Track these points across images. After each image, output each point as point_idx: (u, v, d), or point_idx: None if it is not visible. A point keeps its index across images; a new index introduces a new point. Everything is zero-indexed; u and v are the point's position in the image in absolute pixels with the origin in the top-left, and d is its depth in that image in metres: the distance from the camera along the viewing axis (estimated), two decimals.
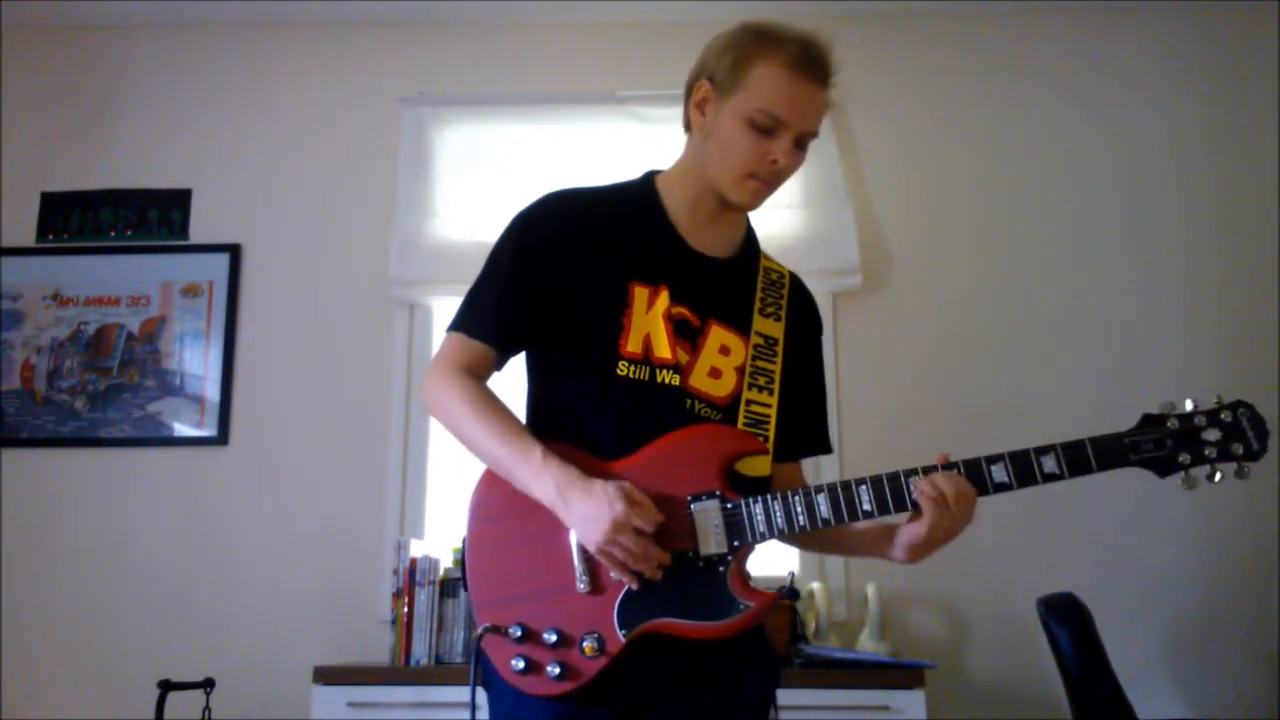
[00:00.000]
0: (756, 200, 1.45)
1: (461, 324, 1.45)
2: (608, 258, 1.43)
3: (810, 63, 1.39)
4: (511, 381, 1.49)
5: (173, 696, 2.57)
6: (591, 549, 1.30)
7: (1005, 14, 3.39)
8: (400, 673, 2.67)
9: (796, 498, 1.33)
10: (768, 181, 1.43)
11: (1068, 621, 2.49)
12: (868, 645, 2.78)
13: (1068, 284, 3.21)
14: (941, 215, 3.27)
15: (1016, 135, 3.33)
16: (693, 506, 1.33)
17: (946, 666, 2.85)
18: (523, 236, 1.46)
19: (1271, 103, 3.28)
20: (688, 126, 1.49)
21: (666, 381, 1.39)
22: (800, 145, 1.42)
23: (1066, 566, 2.93)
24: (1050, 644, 2.54)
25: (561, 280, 1.42)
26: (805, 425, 1.56)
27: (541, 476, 1.32)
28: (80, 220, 3.33)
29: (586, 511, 1.28)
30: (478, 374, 1.43)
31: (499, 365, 1.47)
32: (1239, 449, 1.28)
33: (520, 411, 1.46)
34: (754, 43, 1.40)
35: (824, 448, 1.60)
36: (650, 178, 1.53)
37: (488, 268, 1.47)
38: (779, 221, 3.12)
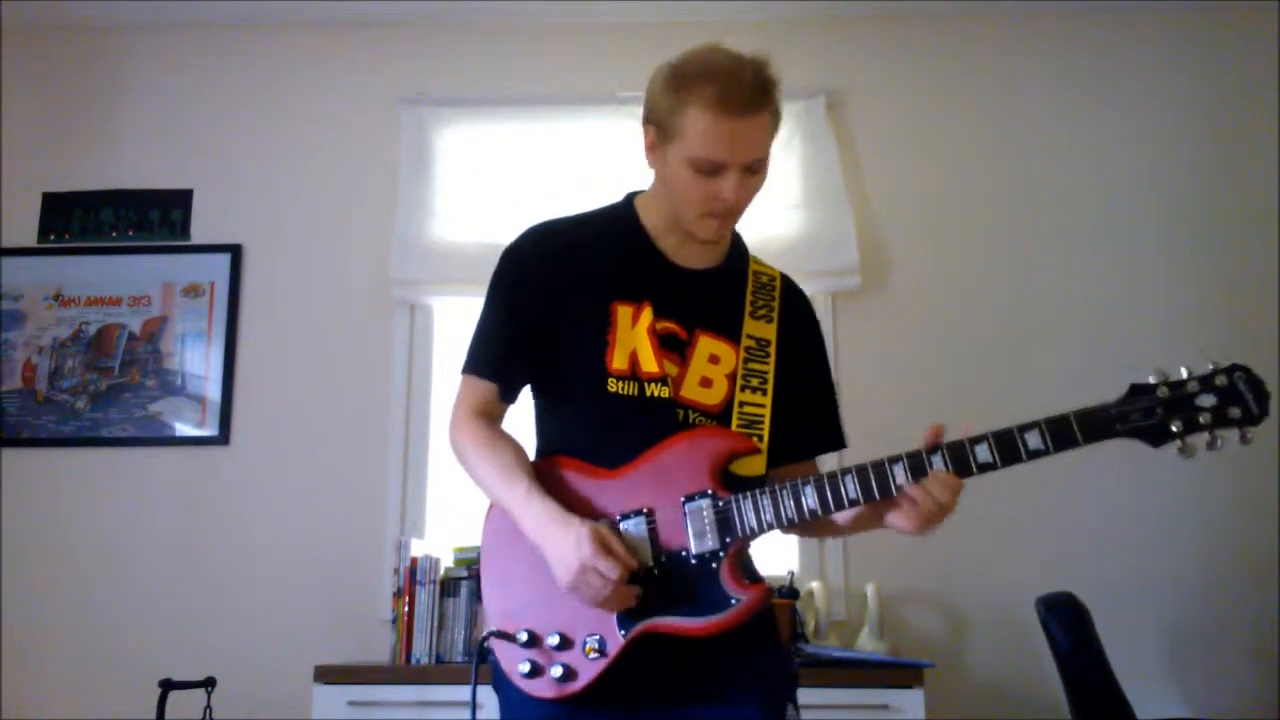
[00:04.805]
0: (721, 233, 1.47)
1: (469, 366, 1.50)
2: (590, 280, 1.47)
3: (733, 98, 1.35)
4: (523, 404, 1.55)
5: (174, 696, 2.57)
6: (562, 586, 1.33)
7: (1005, 14, 3.39)
8: (401, 672, 2.68)
9: (784, 491, 1.35)
10: (725, 216, 1.44)
11: (1066, 621, 2.49)
12: (867, 644, 2.79)
13: (1067, 284, 3.21)
14: (940, 216, 3.28)
15: (1016, 136, 3.33)
16: (686, 506, 1.36)
17: (945, 666, 2.85)
18: (510, 273, 1.51)
19: (1272, 102, 3.28)
20: (649, 163, 1.50)
21: (656, 394, 1.42)
22: (752, 171, 1.41)
23: (1065, 566, 2.93)
24: (1049, 643, 2.54)
25: (549, 308, 1.46)
26: (814, 421, 1.57)
27: (525, 514, 1.38)
28: (82, 220, 3.34)
29: (556, 553, 1.33)
30: (490, 412, 1.49)
31: (510, 399, 1.51)
32: (1237, 413, 1.23)
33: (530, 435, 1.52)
34: (679, 88, 1.38)
35: (837, 443, 1.59)
36: (630, 199, 1.56)
37: (484, 307, 1.52)
38: (779, 222, 3.12)
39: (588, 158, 3.20)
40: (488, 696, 1.47)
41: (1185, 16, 3.37)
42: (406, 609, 2.77)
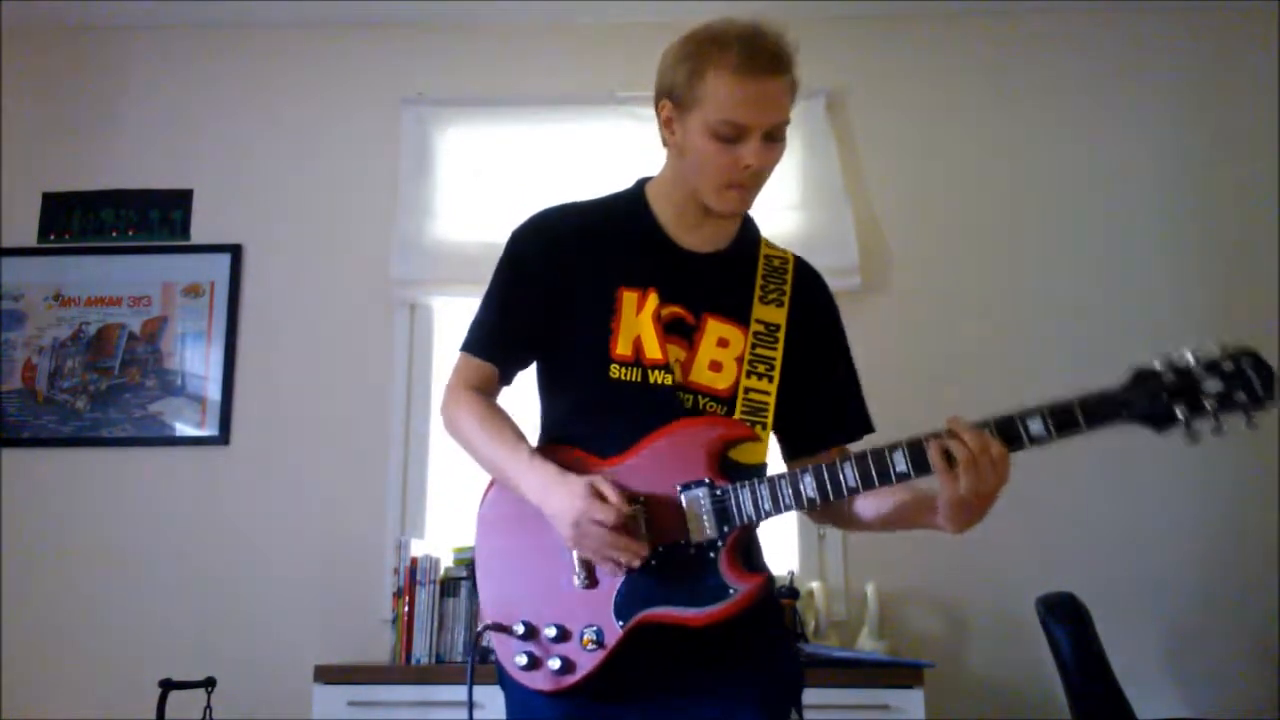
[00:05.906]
0: (742, 206, 1.45)
1: (467, 344, 1.51)
2: (595, 266, 1.46)
3: (758, 59, 1.35)
4: (526, 394, 1.55)
5: (174, 696, 2.57)
6: (567, 544, 1.33)
7: (1005, 15, 3.39)
8: (401, 672, 2.69)
9: (784, 480, 1.34)
10: (748, 186, 1.42)
11: (1067, 621, 2.49)
12: (867, 644, 2.79)
13: (1068, 285, 3.21)
14: (940, 216, 3.27)
15: (1016, 136, 3.33)
16: (683, 496, 1.35)
17: (945, 666, 2.84)
18: (514, 256, 1.50)
19: (1272, 102, 3.27)
20: (664, 141, 1.49)
21: (659, 381, 1.41)
22: (773, 138, 1.39)
23: (1065, 566, 2.93)
24: (1049, 643, 2.54)
25: (552, 293, 1.46)
26: (832, 409, 1.54)
27: (527, 477, 1.37)
28: (82, 220, 3.34)
29: (557, 509, 1.32)
30: (486, 390, 1.49)
31: (506, 380, 1.51)
32: (1243, 397, 1.21)
33: (533, 422, 1.51)
34: (699, 53, 1.37)
35: (862, 429, 1.55)
36: (641, 184, 1.55)
37: (487, 289, 1.52)
38: (778, 222, 3.11)
39: (588, 158, 3.20)
40: (486, 695, 1.47)
41: (1185, 16, 3.37)
42: (406, 609, 2.77)
